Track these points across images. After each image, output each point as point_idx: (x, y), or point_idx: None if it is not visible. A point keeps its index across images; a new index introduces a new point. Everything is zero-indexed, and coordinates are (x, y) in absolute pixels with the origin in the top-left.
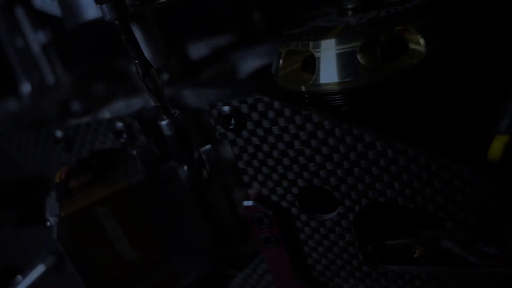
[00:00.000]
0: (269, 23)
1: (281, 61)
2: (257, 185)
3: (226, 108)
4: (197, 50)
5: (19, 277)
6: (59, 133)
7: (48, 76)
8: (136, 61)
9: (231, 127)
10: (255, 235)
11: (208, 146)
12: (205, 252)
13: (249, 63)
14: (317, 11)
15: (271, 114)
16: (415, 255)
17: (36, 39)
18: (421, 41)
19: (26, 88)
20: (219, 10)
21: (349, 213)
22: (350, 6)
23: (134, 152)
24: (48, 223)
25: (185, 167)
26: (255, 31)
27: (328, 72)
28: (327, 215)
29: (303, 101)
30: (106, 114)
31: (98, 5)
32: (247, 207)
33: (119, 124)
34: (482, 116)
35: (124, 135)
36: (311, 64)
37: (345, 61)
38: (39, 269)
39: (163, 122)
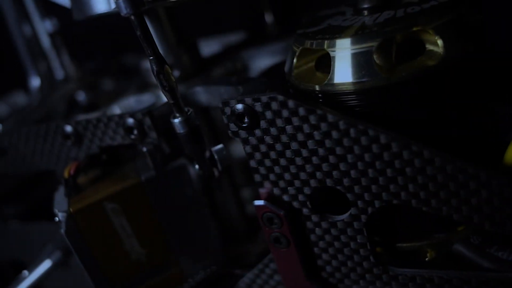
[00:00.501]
0: (281, 22)
1: (295, 60)
2: (268, 184)
3: (240, 106)
4: (209, 47)
5: (25, 272)
6: (68, 128)
7: (57, 71)
8: (151, 57)
9: (244, 125)
10: (265, 235)
11: (220, 146)
12: (213, 251)
13: (261, 61)
14: (332, 10)
15: (285, 113)
16: (427, 259)
17: (45, 31)
18: (439, 42)
19: (35, 82)
20: (231, 7)
21: (361, 215)
22: (366, 6)
23: (144, 149)
24: (56, 219)
25: (196, 166)
26: (267, 29)
27: (343, 72)
28: (339, 217)
29: (316, 101)
30: (116, 110)
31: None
32: (258, 206)
33: (130, 120)
34: (499, 119)
35: (135, 132)
36: (325, 64)
37: (361, 61)
38: (46, 265)
39: (176, 120)
